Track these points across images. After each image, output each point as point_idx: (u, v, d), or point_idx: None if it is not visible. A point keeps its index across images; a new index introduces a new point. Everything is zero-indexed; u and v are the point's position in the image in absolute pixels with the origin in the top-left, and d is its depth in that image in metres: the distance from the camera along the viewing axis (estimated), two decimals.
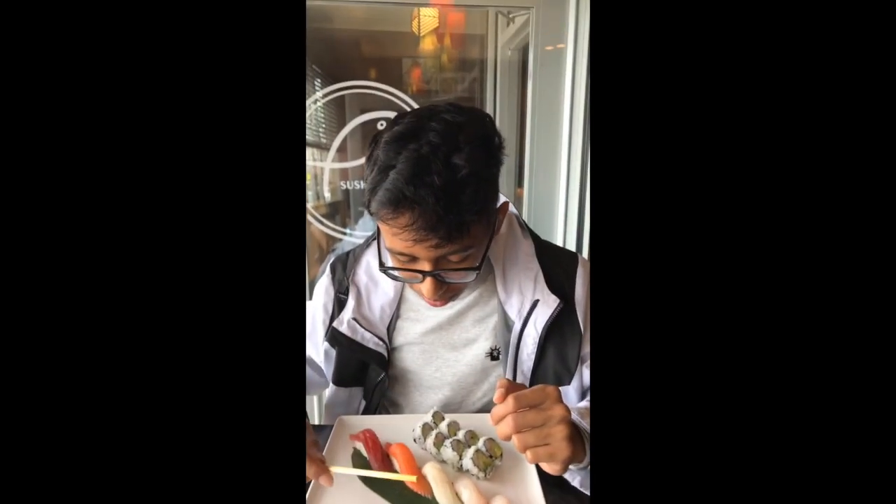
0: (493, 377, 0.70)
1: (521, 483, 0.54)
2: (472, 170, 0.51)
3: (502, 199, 0.63)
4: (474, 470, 0.55)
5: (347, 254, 0.74)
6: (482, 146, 0.53)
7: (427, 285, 0.57)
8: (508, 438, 0.49)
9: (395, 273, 0.59)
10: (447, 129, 0.52)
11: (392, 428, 0.62)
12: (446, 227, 0.51)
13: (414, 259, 0.56)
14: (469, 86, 1.91)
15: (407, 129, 0.52)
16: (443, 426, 0.60)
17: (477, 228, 0.54)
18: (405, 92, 1.69)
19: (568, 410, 0.50)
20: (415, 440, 0.60)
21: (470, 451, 0.56)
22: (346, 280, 0.71)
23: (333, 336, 0.68)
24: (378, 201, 0.52)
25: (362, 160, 1.59)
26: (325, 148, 1.71)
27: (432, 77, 1.90)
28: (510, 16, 1.49)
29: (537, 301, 0.66)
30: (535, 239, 0.71)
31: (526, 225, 0.73)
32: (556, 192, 1.31)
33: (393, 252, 0.56)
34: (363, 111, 1.71)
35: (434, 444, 0.58)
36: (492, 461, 0.56)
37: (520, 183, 1.50)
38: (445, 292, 0.60)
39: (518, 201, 1.46)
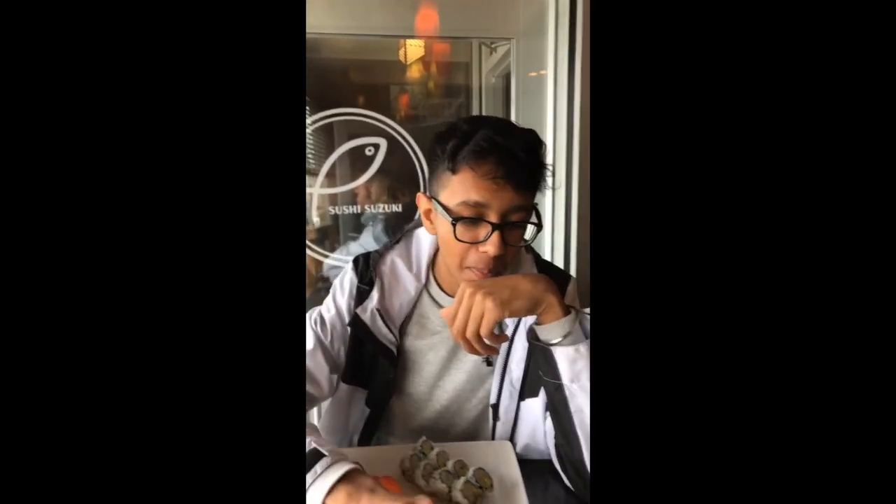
0: (487, 385, 0.71)
1: None
2: (539, 139, 0.63)
3: None
4: (464, 502, 0.53)
5: (370, 252, 0.77)
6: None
7: (494, 239, 0.60)
8: (469, 346, 0.57)
9: (464, 228, 0.61)
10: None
11: (380, 460, 0.60)
12: (524, 175, 0.60)
13: (480, 217, 0.60)
14: (456, 111, 1.94)
15: (479, 115, 0.63)
16: (432, 456, 0.59)
17: (532, 195, 0.63)
18: (393, 118, 1.71)
19: (470, 284, 0.58)
20: (403, 472, 0.58)
21: (459, 483, 0.54)
22: (370, 273, 0.73)
23: (355, 322, 0.70)
24: (468, 152, 0.59)
25: (351, 185, 1.60)
26: (313, 174, 1.72)
27: (420, 103, 1.93)
28: (492, 45, 1.52)
29: None
30: (536, 255, 0.76)
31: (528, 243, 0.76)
32: (541, 213, 1.32)
33: (463, 205, 0.60)
34: (351, 137, 1.73)
35: (423, 476, 0.56)
36: (482, 492, 0.54)
37: None
38: (501, 258, 0.62)
39: None
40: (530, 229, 0.65)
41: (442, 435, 0.71)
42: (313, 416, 1.17)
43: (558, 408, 0.57)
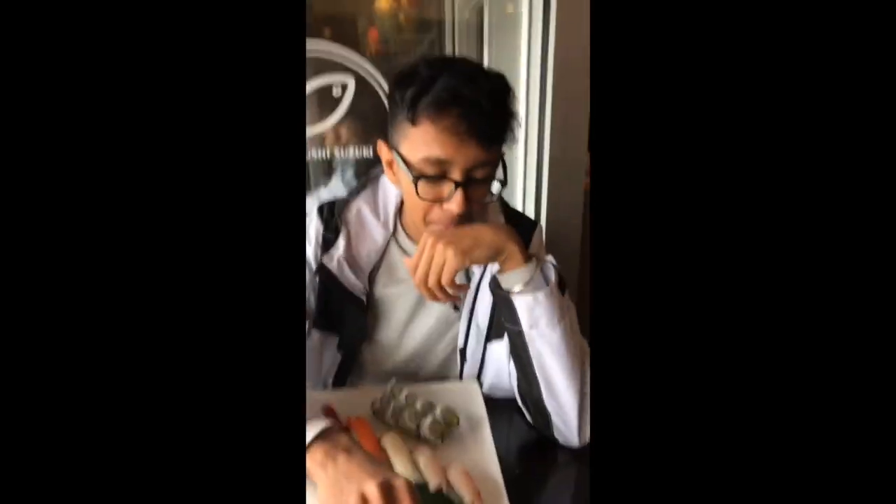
0: (454, 330, 0.74)
1: (477, 448, 0.57)
2: (507, 86, 0.59)
3: None
4: (431, 437, 0.57)
5: (335, 200, 0.75)
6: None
7: (457, 197, 0.58)
8: (430, 293, 0.57)
9: (426, 185, 0.59)
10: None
11: (352, 402, 0.63)
12: (490, 129, 0.57)
13: (442, 175, 0.58)
14: (428, 48, 1.85)
15: (444, 55, 0.60)
16: (401, 397, 0.62)
17: (498, 150, 0.60)
18: (362, 55, 1.61)
19: (432, 234, 0.57)
20: (374, 413, 0.61)
21: (427, 421, 0.58)
22: (335, 221, 0.72)
23: (320, 271, 0.70)
24: (428, 103, 0.56)
25: (319, 127, 1.53)
26: None
27: (390, 38, 1.83)
28: None
29: None
30: (503, 204, 0.77)
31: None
32: (513, 158, 1.30)
33: (424, 162, 0.58)
34: (317, 75, 1.64)
35: (392, 416, 0.59)
36: (448, 428, 0.58)
37: None
38: (465, 216, 0.61)
39: None
40: (497, 185, 0.64)
41: (412, 377, 0.74)
42: None
43: (519, 352, 0.60)
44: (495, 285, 0.61)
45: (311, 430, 0.49)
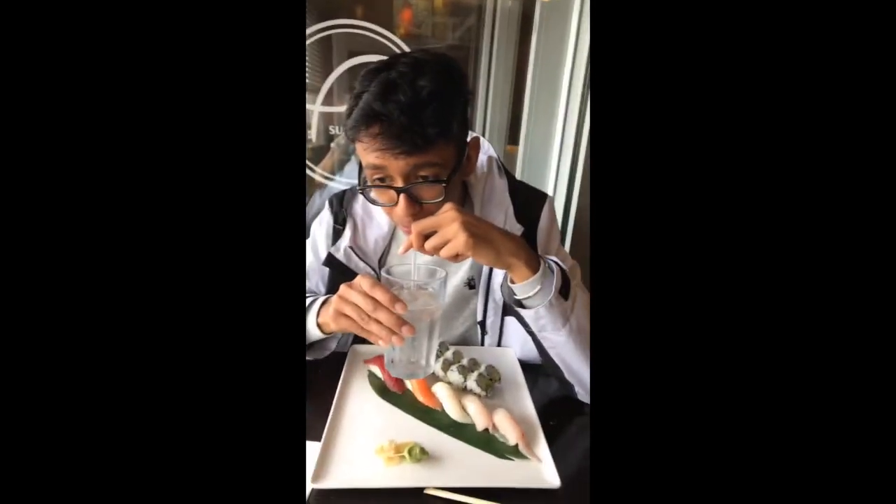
0: (472, 305, 0.82)
1: (516, 400, 0.65)
2: (434, 90, 0.59)
3: (472, 135, 0.71)
4: (477, 389, 0.65)
5: (344, 191, 0.83)
6: (445, 74, 0.62)
7: (401, 203, 0.62)
8: (421, 248, 0.58)
9: (372, 193, 0.65)
10: (415, 62, 0.62)
11: None
12: (410, 136, 0.59)
13: (387, 179, 0.63)
14: (464, 34, 1.91)
15: (381, 64, 0.63)
16: (448, 354, 0.70)
17: (442, 147, 0.62)
18: (395, 34, 1.69)
19: (459, 212, 0.57)
20: None
21: (473, 375, 0.66)
22: (343, 213, 0.80)
23: (330, 261, 0.77)
24: (352, 120, 0.61)
25: (344, 106, 1.61)
26: (312, 90, 1.72)
27: (424, 21, 1.90)
28: None
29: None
30: (510, 178, 0.82)
31: (503, 166, 0.83)
32: (550, 150, 1.38)
33: (368, 168, 0.63)
34: (351, 54, 1.71)
35: (442, 368, 0.68)
36: (492, 383, 0.66)
37: (514, 140, 1.56)
38: (419, 214, 0.64)
39: (510, 158, 1.53)
40: (483, 159, 0.67)
41: None
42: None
43: (536, 342, 0.67)
44: (508, 293, 0.64)
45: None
